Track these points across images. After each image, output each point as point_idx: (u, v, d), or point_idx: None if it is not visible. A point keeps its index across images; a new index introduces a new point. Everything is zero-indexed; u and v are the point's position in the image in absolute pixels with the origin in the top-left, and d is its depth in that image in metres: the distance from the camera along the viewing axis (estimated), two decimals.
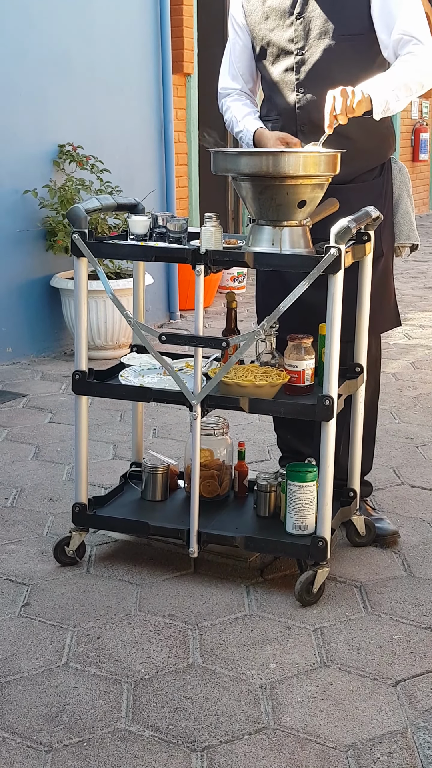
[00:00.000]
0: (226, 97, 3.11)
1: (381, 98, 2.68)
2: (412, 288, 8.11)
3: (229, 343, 2.61)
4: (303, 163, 2.53)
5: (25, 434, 4.12)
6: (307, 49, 2.85)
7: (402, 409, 4.48)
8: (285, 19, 2.88)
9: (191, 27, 7.40)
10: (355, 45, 2.83)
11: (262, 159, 2.55)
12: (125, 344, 5.48)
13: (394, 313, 3.11)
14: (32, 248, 5.45)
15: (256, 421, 4.19)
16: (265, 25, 2.92)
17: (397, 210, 3.03)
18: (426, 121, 14.53)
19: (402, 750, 2.04)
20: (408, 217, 3.04)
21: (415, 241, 3.05)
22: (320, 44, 2.83)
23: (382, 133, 2.94)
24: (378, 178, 2.96)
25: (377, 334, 3.06)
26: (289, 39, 2.87)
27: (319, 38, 2.83)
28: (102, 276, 2.71)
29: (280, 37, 2.89)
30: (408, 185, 3.06)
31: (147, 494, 3.00)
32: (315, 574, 2.63)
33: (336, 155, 2.60)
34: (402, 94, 2.72)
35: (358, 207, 2.71)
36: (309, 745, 2.05)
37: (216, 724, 2.12)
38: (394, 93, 2.70)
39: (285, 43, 2.88)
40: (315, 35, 2.83)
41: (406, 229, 3.04)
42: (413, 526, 3.16)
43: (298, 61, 2.87)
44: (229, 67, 3.09)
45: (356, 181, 2.92)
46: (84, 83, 5.80)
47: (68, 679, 2.29)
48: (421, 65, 2.75)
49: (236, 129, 3.03)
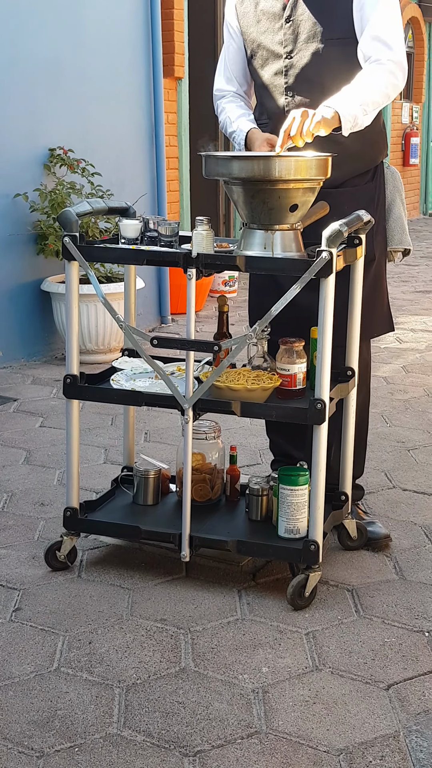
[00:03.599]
0: (221, 99, 3.11)
1: (350, 114, 2.67)
2: (403, 292, 8.12)
3: (220, 347, 2.60)
4: (294, 167, 2.53)
5: (15, 438, 4.11)
6: (295, 53, 2.86)
7: (393, 413, 4.49)
8: (275, 23, 2.88)
9: (182, 31, 7.41)
10: (343, 49, 2.83)
11: (253, 163, 2.55)
12: (116, 348, 5.47)
13: (387, 318, 3.11)
14: (23, 252, 5.44)
15: (248, 425, 4.19)
16: (256, 28, 2.93)
17: (389, 215, 3.03)
18: (416, 125, 14.57)
19: (394, 753, 2.03)
20: (400, 221, 3.04)
21: (408, 246, 3.06)
22: (309, 48, 2.84)
23: (372, 137, 2.94)
24: (370, 183, 2.97)
25: (368, 339, 3.06)
26: (279, 42, 2.88)
27: (308, 42, 2.84)
28: (93, 280, 2.70)
29: (270, 40, 2.90)
30: (401, 190, 3.06)
31: (138, 498, 2.99)
32: (307, 577, 2.63)
33: (327, 159, 2.61)
34: (369, 108, 2.72)
35: (350, 211, 2.71)
36: (301, 749, 2.05)
37: (208, 729, 2.11)
38: (362, 108, 2.70)
39: (275, 47, 2.89)
40: (303, 39, 2.84)
41: (398, 233, 3.04)
42: (405, 530, 3.17)
43: (287, 65, 2.88)
44: (224, 69, 3.10)
45: (347, 186, 2.92)
46: (75, 87, 5.79)
47: (60, 684, 2.28)
48: (387, 76, 2.74)
49: (230, 130, 3.03)
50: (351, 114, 2.67)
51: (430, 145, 15.56)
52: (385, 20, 2.76)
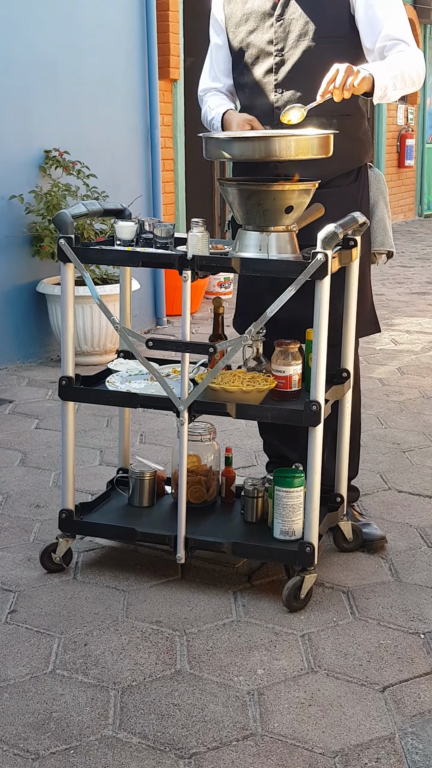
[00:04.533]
0: (204, 95, 3.15)
1: (382, 82, 2.69)
2: (399, 294, 8.13)
3: (216, 349, 2.61)
4: (295, 145, 2.52)
5: (11, 440, 4.10)
6: (286, 51, 2.87)
7: (389, 415, 4.49)
8: (265, 21, 2.90)
9: (177, 33, 7.41)
10: (335, 47, 2.85)
11: (254, 144, 2.54)
12: (112, 350, 5.47)
13: (373, 319, 3.11)
14: (18, 254, 5.44)
15: (243, 427, 4.19)
16: (245, 27, 2.94)
17: (372, 217, 3.02)
18: (411, 127, 14.59)
19: (390, 755, 2.03)
20: (383, 224, 3.02)
21: (390, 248, 3.03)
22: (300, 45, 2.86)
23: (358, 138, 2.96)
24: (353, 183, 2.97)
25: (356, 340, 3.06)
26: (269, 41, 2.89)
27: (299, 40, 2.85)
28: (89, 281, 2.70)
29: (259, 39, 2.91)
30: (384, 192, 3.05)
31: (134, 500, 2.99)
32: (302, 579, 2.63)
33: (329, 136, 2.60)
34: (399, 84, 2.75)
35: (334, 212, 2.72)
36: (297, 751, 2.05)
37: (204, 731, 2.11)
38: (393, 81, 2.73)
39: (264, 45, 2.91)
40: (295, 37, 2.86)
41: (380, 236, 3.02)
42: (400, 532, 3.17)
43: (277, 62, 2.89)
44: (209, 69, 3.13)
45: (331, 186, 2.91)
46: (70, 89, 5.79)
47: (55, 686, 2.28)
48: (413, 61, 2.78)
49: (209, 117, 3.06)
50: (384, 83, 2.70)
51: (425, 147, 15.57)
52: (398, 21, 2.82)
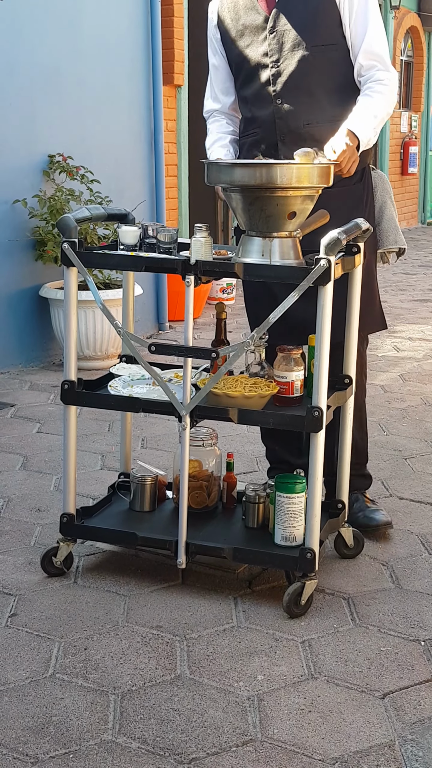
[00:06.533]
0: (208, 119, 3.23)
1: (366, 138, 2.87)
2: (401, 300, 8.13)
3: (218, 354, 2.61)
4: (296, 175, 2.54)
5: (12, 444, 4.11)
6: (282, 61, 2.93)
7: (390, 422, 4.49)
8: (258, 35, 2.96)
9: (182, 39, 7.43)
10: (329, 55, 2.93)
11: (256, 170, 2.55)
12: (114, 354, 5.47)
13: (380, 316, 3.17)
14: (21, 258, 5.45)
15: (245, 432, 4.19)
16: (240, 42, 3.01)
17: (382, 216, 3.11)
18: (415, 134, 14.60)
19: (389, 763, 2.03)
20: (393, 222, 3.12)
21: (402, 245, 3.14)
22: (295, 55, 2.91)
23: None
24: (358, 183, 3.04)
25: (365, 336, 3.11)
26: (264, 53, 2.95)
27: (293, 50, 2.91)
28: (92, 286, 2.70)
29: (255, 52, 2.97)
30: (389, 192, 3.15)
31: (135, 505, 2.99)
32: (303, 585, 2.62)
33: (329, 167, 2.61)
34: (378, 130, 2.94)
35: (338, 211, 2.76)
36: (296, 757, 2.04)
37: (203, 736, 2.11)
38: (375, 130, 2.90)
39: (260, 58, 2.96)
40: (289, 47, 2.92)
41: (392, 234, 3.12)
42: (401, 539, 3.16)
43: (274, 74, 2.95)
44: (210, 89, 3.21)
45: (336, 186, 2.95)
46: (74, 94, 5.80)
47: (55, 691, 2.27)
48: (389, 97, 2.93)
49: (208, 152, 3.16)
50: (367, 138, 2.87)
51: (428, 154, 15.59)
52: (377, 37, 2.92)
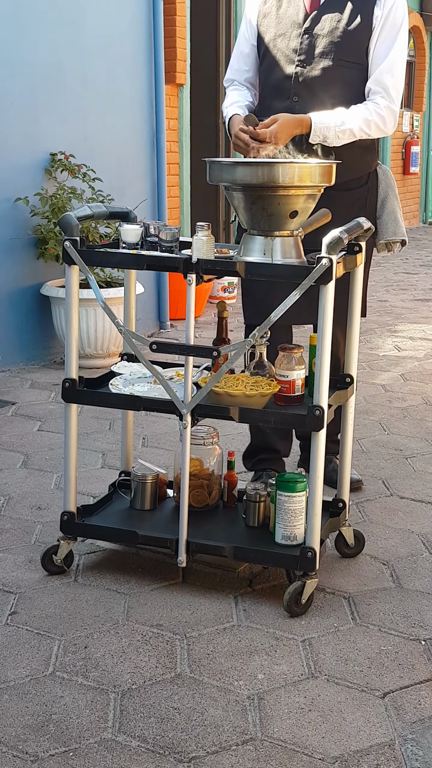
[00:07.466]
0: (228, 87, 3.28)
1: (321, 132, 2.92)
2: (402, 300, 8.13)
3: (219, 353, 2.61)
4: (298, 174, 2.54)
5: (13, 442, 4.11)
6: (307, 64, 3.00)
7: (391, 421, 4.48)
8: (295, 30, 3.02)
9: (184, 38, 7.42)
10: (351, 72, 2.99)
11: (257, 169, 2.55)
12: (115, 353, 5.47)
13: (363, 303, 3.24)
14: (23, 256, 5.44)
15: (246, 431, 4.18)
16: (275, 30, 3.06)
17: (383, 209, 3.18)
18: (417, 134, 14.60)
19: (390, 762, 2.03)
20: (394, 215, 3.18)
21: (403, 237, 3.22)
22: (320, 63, 2.99)
23: (365, 145, 3.08)
24: (364, 186, 3.09)
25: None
26: (294, 49, 3.01)
27: (321, 57, 2.98)
28: (93, 284, 2.70)
29: (285, 45, 3.03)
30: (393, 186, 3.20)
31: (136, 503, 2.99)
32: (304, 584, 2.62)
33: (331, 166, 2.61)
34: (342, 137, 2.96)
35: (343, 212, 2.78)
36: (296, 756, 2.04)
37: (203, 735, 2.11)
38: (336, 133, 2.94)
39: (289, 52, 3.02)
40: (318, 53, 2.99)
41: (392, 226, 3.18)
42: (402, 538, 3.16)
43: (297, 72, 3.01)
44: (235, 61, 3.26)
45: (339, 189, 2.99)
46: (76, 93, 5.80)
47: (55, 689, 2.27)
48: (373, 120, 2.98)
49: (224, 114, 3.22)
50: (322, 133, 2.92)
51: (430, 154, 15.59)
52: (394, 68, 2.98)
